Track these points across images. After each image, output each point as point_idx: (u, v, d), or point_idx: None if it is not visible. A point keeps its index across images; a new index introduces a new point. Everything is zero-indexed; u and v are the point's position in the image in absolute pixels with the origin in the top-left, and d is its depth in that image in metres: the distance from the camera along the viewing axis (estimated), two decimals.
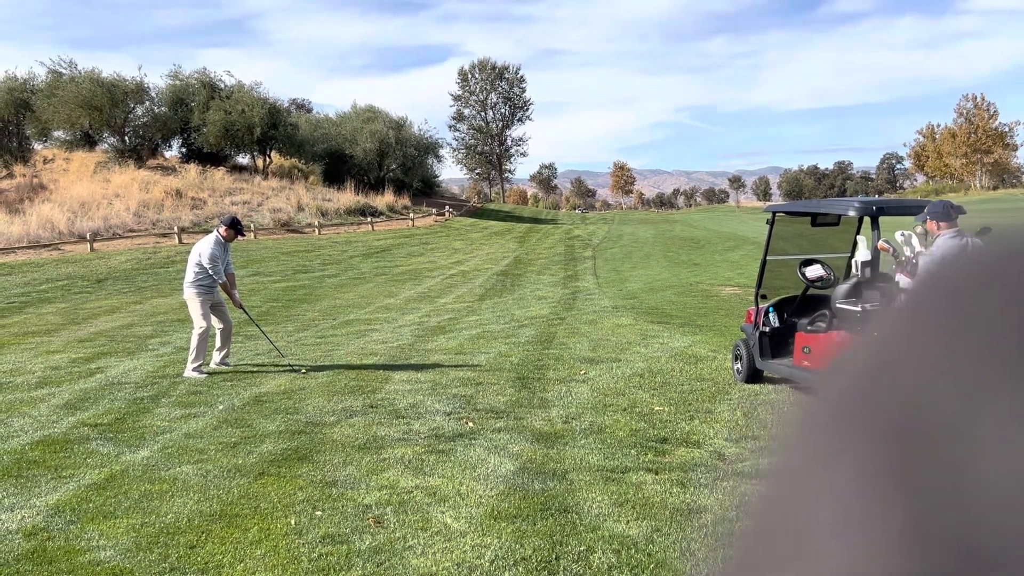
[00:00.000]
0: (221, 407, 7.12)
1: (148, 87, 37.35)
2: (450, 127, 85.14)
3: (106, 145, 37.81)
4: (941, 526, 0.22)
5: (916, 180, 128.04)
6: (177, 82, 38.62)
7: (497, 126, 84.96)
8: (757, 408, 6.69)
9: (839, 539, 0.25)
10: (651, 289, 16.64)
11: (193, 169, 35.53)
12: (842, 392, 0.28)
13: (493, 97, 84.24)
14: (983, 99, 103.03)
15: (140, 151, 37.01)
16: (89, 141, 37.54)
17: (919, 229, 6.36)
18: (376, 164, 44.04)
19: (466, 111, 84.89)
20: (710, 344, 9.66)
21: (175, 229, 25.94)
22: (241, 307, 9.17)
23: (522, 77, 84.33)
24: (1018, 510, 0.21)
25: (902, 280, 6.10)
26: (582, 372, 8.26)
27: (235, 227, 8.80)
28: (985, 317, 0.25)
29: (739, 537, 0.29)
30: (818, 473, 0.27)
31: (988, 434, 0.23)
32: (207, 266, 8.52)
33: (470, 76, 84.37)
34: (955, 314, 0.26)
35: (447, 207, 43.55)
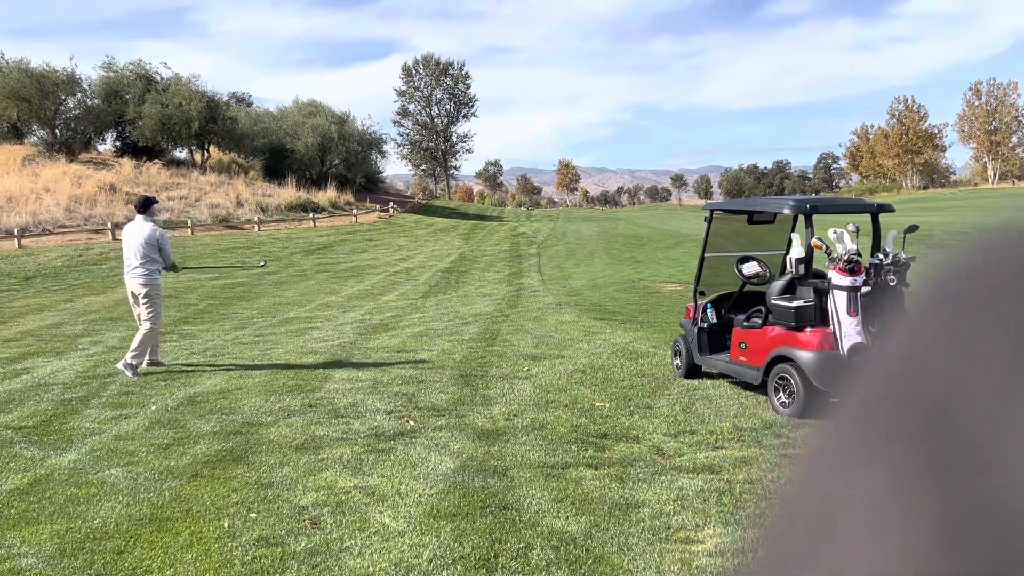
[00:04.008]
0: (154, 407, 6.92)
1: (80, 78, 36.20)
2: (395, 123, 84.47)
3: (35, 138, 36.54)
4: (974, 525, 0.22)
5: (852, 179, 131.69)
6: (111, 74, 37.52)
7: (442, 122, 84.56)
8: (695, 403, 6.78)
9: (872, 538, 0.24)
10: (594, 286, 16.76)
11: (128, 163, 34.56)
12: (873, 390, 0.28)
13: (438, 93, 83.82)
14: (914, 101, 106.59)
15: (72, 144, 35.83)
16: (17, 134, 36.23)
17: (851, 227, 6.52)
18: (318, 159, 43.45)
19: (411, 107, 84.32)
20: (651, 340, 9.77)
21: (108, 225, 25.18)
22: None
23: (467, 73, 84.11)
24: None
25: (835, 277, 6.24)
26: (525, 369, 8.27)
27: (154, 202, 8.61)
28: (1017, 311, 0.25)
29: (772, 535, 0.29)
30: (850, 473, 0.26)
31: (1021, 431, 0.22)
32: (169, 253, 8.40)
33: (414, 71, 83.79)
34: (986, 309, 0.26)
35: (391, 203, 43.18)
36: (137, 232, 8.30)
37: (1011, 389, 0.23)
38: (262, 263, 11.34)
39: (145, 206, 8.42)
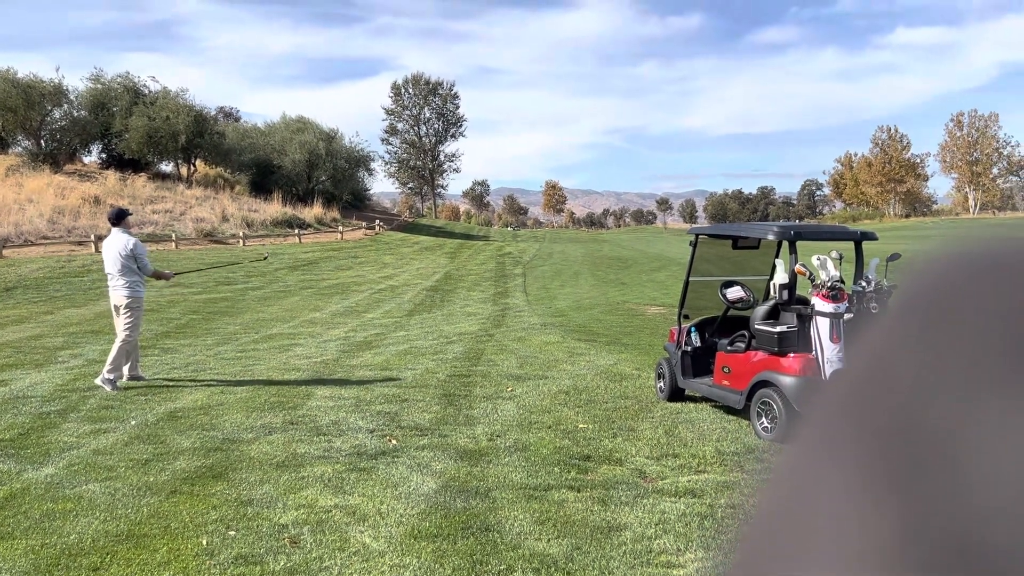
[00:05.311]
0: (133, 422, 6.85)
1: (67, 89, 36.06)
2: (383, 140, 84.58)
3: (20, 148, 36.31)
4: (935, 528, 0.22)
5: (835, 206, 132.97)
6: (98, 86, 37.41)
7: (430, 141, 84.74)
8: (678, 426, 6.79)
9: (837, 541, 0.25)
10: (579, 307, 16.79)
11: (113, 176, 34.42)
12: (840, 396, 0.28)
13: (426, 112, 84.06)
14: (897, 131, 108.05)
15: (57, 156, 35.62)
16: (1, 144, 35.97)
17: (834, 254, 6.59)
18: (305, 176, 43.40)
19: (399, 125, 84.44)
20: (635, 362, 9.79)
21: (92, 237, 25.02)
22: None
23: (456, 93, 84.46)
24: (1010, 511, 0.21)
25: (818, 303, 6.29)
26: (509, 389, 8.26)
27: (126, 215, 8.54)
28: (978, 319, 0.25)
29: (742, 539, 0.30)
30: (816, 476, 0.27)
31: (981, 436, 0.23)
32: (146, 263, 8.32)
33: (403, 90, 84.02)
34: (948, 316, 0.27)
35: (378, 221, 43.15)
36: (112, 245, 8.28)
37: (973, 392, 0.24)
38: (264, 256, 12.08)
39: (118, 218, 8.38)
